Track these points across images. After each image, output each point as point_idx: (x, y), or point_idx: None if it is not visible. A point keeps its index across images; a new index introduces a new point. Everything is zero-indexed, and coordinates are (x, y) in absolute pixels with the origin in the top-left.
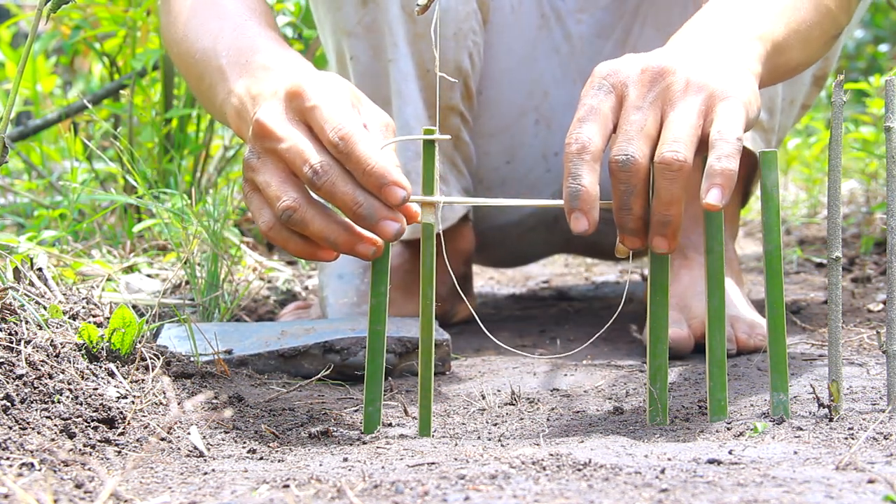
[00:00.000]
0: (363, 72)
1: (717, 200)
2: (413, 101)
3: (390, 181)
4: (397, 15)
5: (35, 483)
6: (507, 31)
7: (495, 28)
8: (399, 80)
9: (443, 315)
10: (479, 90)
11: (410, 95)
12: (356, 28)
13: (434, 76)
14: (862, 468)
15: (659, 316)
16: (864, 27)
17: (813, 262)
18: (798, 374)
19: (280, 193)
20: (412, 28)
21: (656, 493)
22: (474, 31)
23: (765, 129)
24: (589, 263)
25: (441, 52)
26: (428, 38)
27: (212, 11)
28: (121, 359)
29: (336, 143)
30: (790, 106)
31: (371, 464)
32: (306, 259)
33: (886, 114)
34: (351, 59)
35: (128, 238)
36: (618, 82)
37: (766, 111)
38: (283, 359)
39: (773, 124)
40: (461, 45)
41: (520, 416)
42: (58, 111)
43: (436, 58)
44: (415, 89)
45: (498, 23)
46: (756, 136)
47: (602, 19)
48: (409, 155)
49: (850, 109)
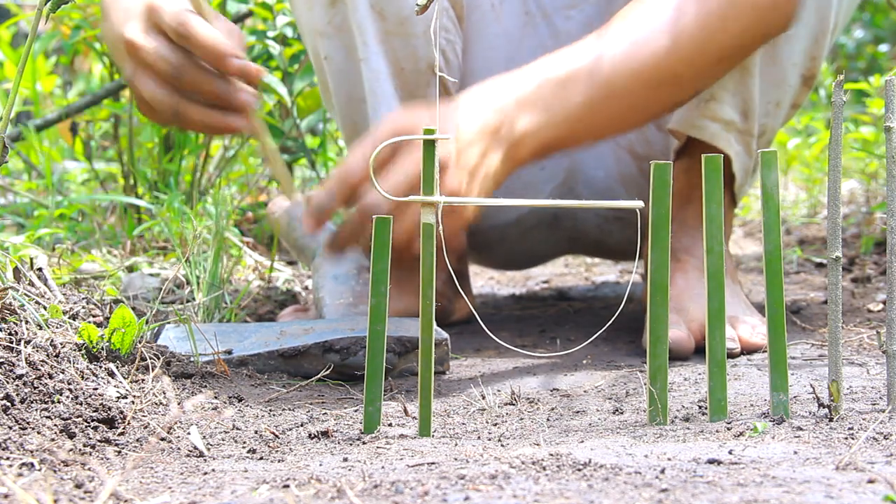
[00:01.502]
0: (337, 71)
1: None
2: (388, 99)
3: (225, 52)
4: (366, 14)
5: (35, 483)
6: (489, 30)
7: (475, 27)
8: (371, 80)
9: (441, 314)
10: (461, 89)
11: (385, 94)
12: (327, 28)
13: (408, 74)
14: (862, 468)
15: (659, 316)
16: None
17: (813, 262)
18: (798, 374)
19: (162, 98)
20: (382, 26)
21: (656, 493)
22: (446, 29)
23: (740, 130)
24: (589, 263)
25: (413, 50)
26: (399, 35)
27: None
28: (121, 359)
29: (176, 28)
30: (776, 108)
31: (371, 464)
32: (212, 132)
33: (886, 114)
34: (325, 58)
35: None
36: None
37: (740, 114)
38: (283, 359)
39: (750, 126)
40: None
41: (520, 416)
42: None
43: (436, 58)
44: (389, 87)
45: (477, 21)
46: (731, 138)
47: (591, 15)
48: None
49: (850, 109)
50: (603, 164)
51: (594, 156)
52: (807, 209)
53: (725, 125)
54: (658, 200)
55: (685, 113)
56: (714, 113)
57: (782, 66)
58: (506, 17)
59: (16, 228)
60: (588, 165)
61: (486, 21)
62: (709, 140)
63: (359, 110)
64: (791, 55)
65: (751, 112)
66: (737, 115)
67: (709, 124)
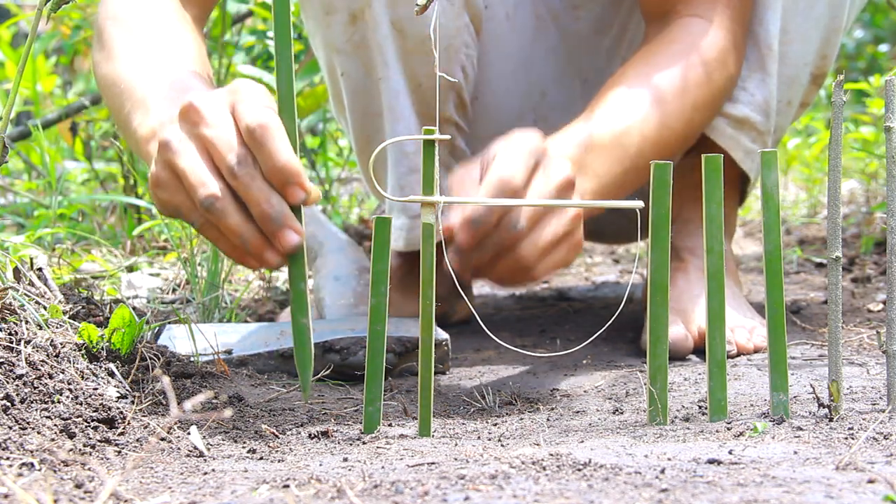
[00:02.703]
0: (354, 88)
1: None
2: (405, 117)
3: (297, 181)
4: (387, 34)
5: (35, 483)
6: (503, 39)
7: (490, 37)
8: (390, 98)
9: (442, 315)
10: (475, 96)
11: (402, 111)
12: (345, 46)
13: (426, 91)
14: (862, 468)
15: (659, 316)
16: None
17: (813, 262)
18: (798, 374)
19: (204, 179)
20: (403, 45)
21: (656, 493)
22: (467, 45)
23: (760, 131)
24: (589, 263)
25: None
26: (419, 53)
27: (142, 51)
28: (121, 359)
29: (254, 129)
30: (787, 107)
31: (371, 464)
32: (239, 256)
33: (886, 114)
34: (342, 75)
35: (128, 238)
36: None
37: (762, 114)
38: (283, 359)
39: (769, 126)
40: (453, 59)
41: (520, 416)
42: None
43: (436, 59)
44: (407, 105)
45: (492, 31)
46: (744, 137)
47: (600, 15)
48: (402, 171)
49: (850, 109)
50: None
51: None
52: (807, 209)
53: (736, 123)
54: (658, 200)
55: None
56: (724, 110)
57: (794, 66)
58: (519, 23)
59: (16, 228)
60: None
61: (501, 31)
62: (714, 138)
63: (373, 125)
64: (804, 55)
65: (771, 111)
66: (758, 115)
67: (716, 121)
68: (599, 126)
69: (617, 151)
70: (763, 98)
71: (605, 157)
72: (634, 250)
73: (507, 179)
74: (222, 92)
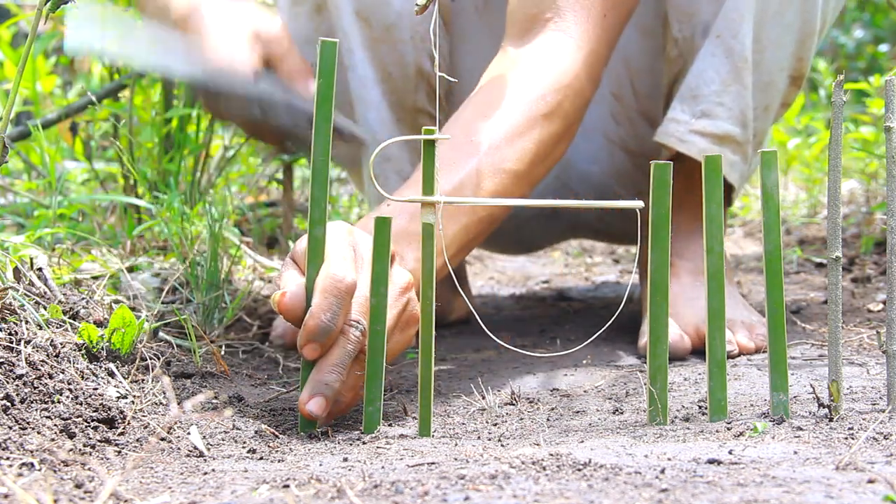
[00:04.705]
0: None
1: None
2: (376, 105)
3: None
4: (352, 21)
5: (35, 483)
6: (475, 33)
7: (461, 30)
8: (359, 87)
9: (439, 313)
10: (450, 90)
11: (373, 100)
12: (313, 36)
13: (396, 80)
14: (862, 468)
15: (659, 316)
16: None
17: (813, 262)
18: (798, 374)
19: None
20: (368, 33)
21: (656, 493)
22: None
23: (739, 142)
24: (589, 263)
25: (400, 56)
26: (386, 42)
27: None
28: (121, 359)
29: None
30: (765, 112)
31: (371, 464)
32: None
33: (886, 114)
34: (312, 65)
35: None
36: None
37: (740, 125)
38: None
39: (748, 136)
40: (419, 48)
41: (520, 416)
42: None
43: (436, 59)
44: (377, 94)
45: (463, 25)
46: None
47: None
48: (377, 160)
49: (850, 109)
50: (596, 159)
51: (587, 151)
52: (807, 209)
53: (718, 140)
54: (658, 200)
55: (673, 126)
56: (704, 129)
57: (769, 72)
58: (491, 18)
59: (16, 228)
60: (582, 160)
61: (472, 24)
62: (696, 156)
63: (347, 117)
64: (778, 61)
65: (748, 121)
66: (736, 128)
67: (698, 140)
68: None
69: (450, 209)
70: (740, 110)
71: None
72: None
73: (339, 278)
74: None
